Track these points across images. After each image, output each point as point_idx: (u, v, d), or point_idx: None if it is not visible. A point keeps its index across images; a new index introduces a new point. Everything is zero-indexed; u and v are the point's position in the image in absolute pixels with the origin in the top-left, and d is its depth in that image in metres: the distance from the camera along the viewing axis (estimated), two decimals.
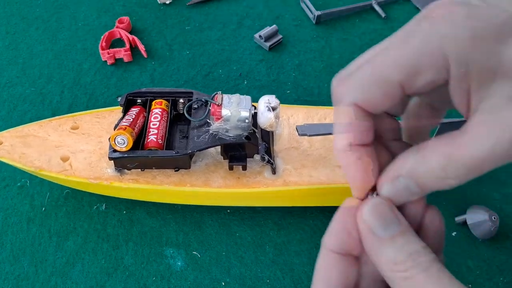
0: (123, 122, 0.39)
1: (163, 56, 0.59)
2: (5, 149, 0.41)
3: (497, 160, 0.20)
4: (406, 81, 0.21)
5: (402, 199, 0.23)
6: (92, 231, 0.43)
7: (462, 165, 0.20)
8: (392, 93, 0.22)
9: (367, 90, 0.22)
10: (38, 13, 0.64)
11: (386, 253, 0.22)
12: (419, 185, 0.22)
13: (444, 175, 0.21)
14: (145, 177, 0.40)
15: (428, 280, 0.20)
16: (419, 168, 0.21)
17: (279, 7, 0.65)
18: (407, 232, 0.22)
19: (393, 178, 0.22)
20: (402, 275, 0.21)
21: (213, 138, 0.38)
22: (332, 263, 0.23)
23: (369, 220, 0.22)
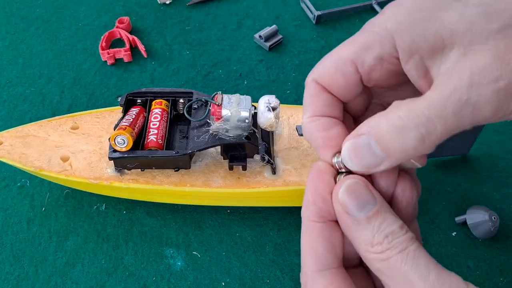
0: (123, 122, 0.39)
1: (163, 56, 0.59)
2: (5, 149, 0.41)
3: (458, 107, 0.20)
4: (357, 58, 0.23)
5: (367, 164, 0.22)
6: (92, 231, 0.43)
7: (420, 111, 0.20)
8: (345, 69, 0.23)
9: (324, 67, 0.24)
10: (38, 13, 0.64)
11: (362, 234, 0.21)
12: (381, 144, 0.21)
13: (404, 124, 0.20)
14: (145, 177, 0.40)
15: (404, 262, 0.20)
16: (380, 123, 0.21)
17: (279, 7, 0.65)
18: (383, 211, 0.22)
19: (354, 136, 0.22)
20: (378, 257, 0.21)
21: (213, 138, 0.38)
22: (315, 233, 0.23)
23: (344, 200, 0.22)
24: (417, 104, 0.20)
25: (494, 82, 0.19)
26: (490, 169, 0.47)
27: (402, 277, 0.20)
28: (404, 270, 0.20)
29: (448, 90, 0.20)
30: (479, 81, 0.19)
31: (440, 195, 0.46)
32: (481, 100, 0.19)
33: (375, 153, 0.21)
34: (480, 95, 0.19)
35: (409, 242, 0.21)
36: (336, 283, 0.22)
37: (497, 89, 0.19)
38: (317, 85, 0.25)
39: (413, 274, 0.20)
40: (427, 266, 0.20)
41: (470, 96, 0.19)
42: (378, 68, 0.23)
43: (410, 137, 0.20)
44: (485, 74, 0.19)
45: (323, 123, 0.24)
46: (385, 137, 0.21)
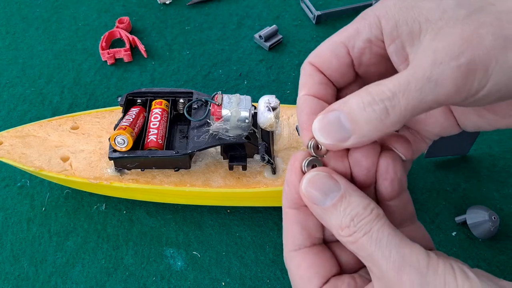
0: (123, 122, 0.39)
1: (163, 56, 0.59)
2: (5, 149, 0.41)
3: (420, 83, 0.21)
4: (348, 41, 0.25)
5: (336, 137, 0.23)
6: (92, 231, 0.43)
7: (386, 87, 0.22)
8: (337, 51, 0.25)
9: (318, 50, 0.26)
10: (38, 13, 0.64)
11: (331, 220, 0.23)
12: (349, 117, 0.22)
13: (370, 99, 0.22)
14: (145, 177, 0.40)
15: (369, 243, 0.21)
16: (350, 99, 0.22)
17: (279, 7, 0.65)
18: (348, 195, 0.23)
19: (327, 111, 0.23)
20: (348, 240, 0.22)
21: (213, 138, 0.38)
22: (291, 218, 0.25)
23: (308, 192, 0.23)
24: (385, 81, 0.22)
25: (456, 58, 0.20)
26: (490, 169, 0.47)
27: (370, 258, 0.21)
28: (370, 251, 0.21)
29: (413, 68, 0.21)
30: (442, 58, 0.20)
31: (440, 195, 0.46)
32: (443, 76, 0.20)
33: (344, 127, 0.23)
34: (442, 71, 0.20)
35: (374, 222, 0.22)
36: (308, 259, 0.24)
37: (458, 65, 0.20)
38: (312, 66, 0.27)
39: (377, 254, 0.21)
40: (389, 245, 0.21)
41: (432, 72, 0.20)
42: (367, 52, 0.25)
43: (375, 110, 0.22)
44: (448, 52, 0.20)
45: (312, 105, 0.26)
46: (353, 111, 0.22)
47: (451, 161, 0.48)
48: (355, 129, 0.23)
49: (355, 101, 0.22)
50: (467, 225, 0.42)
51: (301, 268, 0.25)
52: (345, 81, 0.27)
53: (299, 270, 0.25)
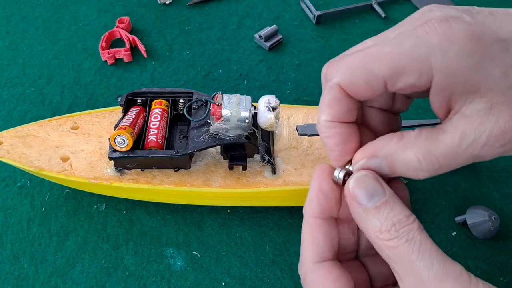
0: (123, 122, 0.39)
1: (163, 56, 0.59)
2: (5, 149, 0.41)
3: (466, 158, 0.22)
4: (389, 78, 0.23)
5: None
6: (92, 231, 0.43)
7: (436, 160, 0.22)
8: (374, 85, 0.24)
9: (353, 75, 0.24)
10: (38, 13, 0.64)
11: (371, 222, 0.23)
12: (391, 169, 0.24)
13: (419, 167, 0.23)
14: (145, 177, 0.40)
15: (411, 251, 0.22)
16: (398, 154, 0.23)
17: (279, 7, 0.65)
18: (392, 201, 0.23)
19: (370, 156, 0.24)
20: (387, 244, 0.22)
21: (213, 138, 0.38)
22: (317, 228, 0.25)
23: (354, 190, 0.24)
24: (435, 150, 0.22)
25: (502, 146, 0.21)
26: (490, 169, 0.47)
27: (408, 265, 0.22)
28: (410, 258, 0.22)
29: (465, 143, 0.22)
30: (492, 144, 0.21)
31: (440, 195, 0.46)
32: (485, 156, 0.22)
33: (383, 170, 0.24)
34: (487, 153, 0.22)
35: (416, 231, 0.22)
36: (334, 272, 0.24)
37: (503, 151, 0.22)
38: (341, 90, 0.25)
39: (419, 263, 0.21)
40: (432, 256, 0.22)
41: (479, 153, 0.22)
42: (406, 90, 0.24)
43: (420, 175, 0.23)
44: (499, 140, 0.21)
45: (341, 133, 0.25)
46: (397, 166, 0.23)
47: None
48: (391, 174, 0.24)
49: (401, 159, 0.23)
50: (467, 225, 0.42)
51: (327, 281, 0.24)
52: (372, 99, 0.26)
53: (324, 283, 0.24)
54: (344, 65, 0.24)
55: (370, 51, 0.24)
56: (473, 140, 0.21)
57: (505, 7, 0.23)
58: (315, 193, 0.25)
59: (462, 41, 0.21)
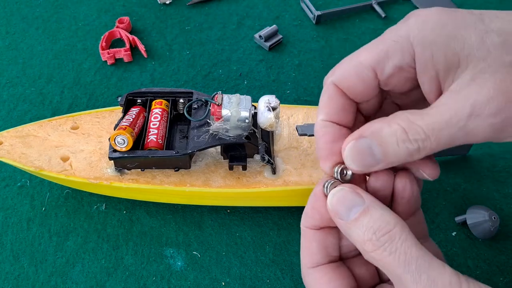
0: (123, 122, 0.39)
1: (163, 56, 0.59)
2: (5, 149, 0.41)
3: (453, 131, 0.21)
4: (377, 65, 0.24)
5: (366, 163, 0.24)
6: (92, 231, 0.43)
7: (421, 128, 0.22)
8: (365, 75, 0.25)
9: (344, 71, 0.25)
10: (38, 13, 0.64)
11: (355, 234, 0.23)
12: (381, 148, 0.23)
13: (405, 137, 0.22)
14: (145, 177, 0.40)
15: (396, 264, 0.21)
16: (383, 129, 0.23)
17: (279, 7, 0.65)
18: (372, 208, 0.23)
19: (358, 137, 0.24)
20: (372, 256, 0.22)
21: (213, 138, 0.38)
22: (310, 237, 0.26)
23: (334, 207, 0.24)
24: (419, 120, 0.22)
25: (492, 116, 0.20)
26: (490, 169, 0.47)
27: (397, 277, 0.22)
28: (397, 272, 0.21)
29: (449, 114, 0.21)
30: (479, 113, 0.20)
31: (440, 195, 0.46)
32: (476, 129, 0.21)
33: (375, 155, 0.23)
34: (477, 125, 0.21)
35: (399, 240, 0.22)
36: (327, 275, 0.25)
37: (492, 122, 0.20)
38: (335, 88, 0.26)
39: (406, 276, 0.21)
40: (418, 267, 0.21)
41: (467, 124, 0.21)
42: (396, 76, 0.24)
43: (408, 148, 0.22)
44: (486, 107, 0.20)
45: (332, 133, 0.25)
46: (386, 143, 0.23)
47: (451, 161, 0.48)
48: (385, 159, 0.23)
49: (387, 134, 0.23)
50: (467, 225, 0.42)
51: (321, 282, 0.25)
52: (368, 98, 0.26)
53: (318, 285, 0.25)
54: (338, 66, 0.26)
55: (358, 51, 0.25)
56: (457, 109, 0.21)
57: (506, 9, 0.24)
58: (310, 210, 0.26)
59: (436, 15, 0.22)
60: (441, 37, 0.22)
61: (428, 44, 0.22)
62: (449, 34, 0.22)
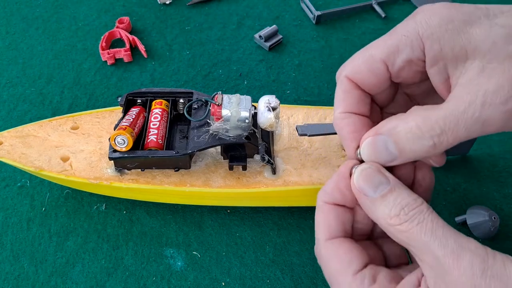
0: (123, 122, 0.39)
1: (163, 56, 0.59)
2: (5, 149, 0.41)
3: (469, 123, 0.22)
4: (387, 58, 0.25)
5: (382, 160, 0.25)
6: (92, 231, 0.43)
7: (436, 123, 0.22)
8: (376, 68, 0.26)
9: (356, 65, 0.27)
10: (38, 13, 0.64)
11: (380, 210, 0.24)
12: (396, 145, 0.24)
13: (420, 134, 0.23)
14: (145, 177, 0.40)
15: (424, 233, 0.22)
16: (398, 126, 0.24)
17: (279, 7, 0.65)
18: (397, 188, 0.24)
19: (374, 134, 0.25)
20: (398, 229, 0.23)
21: (213, 138, 0.38)
22: (328, 210, 0.27)
23: (359, 184, 0.25)
24: (434, 115, 0.23)
25: (504, 103, 0.21)
26: (490, 169, 0.47)
27: (424, 246, 0.22)
28: (424, 240, 0.22)
29: (463, 105, 0.22)
30: (491, 101, 0.21)
31: (440, 195, 0.46)
32: (490, 118, 0.22)
33: (390, 152, 0.25)
34: (491, 114, 0.21)
35: (426, 212, 0.23)
36: (346, 244, 0.25)
37: (506, 110, 0.21)
38: (349, 81, 0.27)
39: (433, 242, 0.22)
40: (445, 234, 0.22)
41: (481, 114, 0.21)
42: (406, 69, 0.26)
43: (424, 144, 0.23)
44: (497, 95, 0.21)
45: (353, 123, 0.27)
46: (401, 140, 0.24)
47: (451, 161, 0.48)
48: (400, 155, 0.24)
49: (403, 130, 0.23)
50: (467, 225, 0.42)
51: (340, 252, 0.25)
52: (380, 90, 0.28)
53: (338, 256, 0.25)
54: (350, 61, 0.27)
55: (368, 45, 0.27)
56: (470, 101, 0.22)
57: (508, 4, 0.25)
58: (332, 186, 0.27)
59: (443, 10, 0.24)
60: (449, 32, 0.23)
61: (437, 38, 0.23)
62: (456, 28, 0.23)
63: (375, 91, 0.28)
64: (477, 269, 0.21)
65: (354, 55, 0.27)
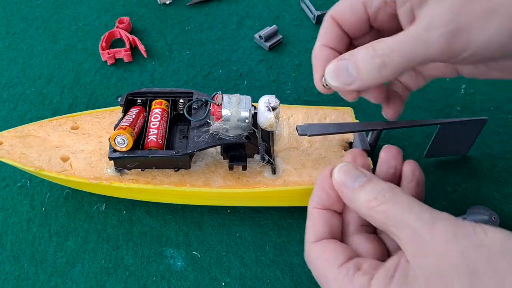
0: (123, 122, 0.39)
1: (163, 56, 0.59)
2: (5, 149, 0.41)
3: (412, 43, 0.26)
4: (366, 1, 0.30)
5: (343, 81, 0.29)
6: (92, 231, 0.43)
7: (386, 44, 0.27)
8: (356, 9, 0.30)
9: (340, 6, 0.31)
10: (38, 13, 0.64)
11: (360, 198, 0.26)
12: (355, 66, 0.28)
13: (373, 53, 0.27)
14: (145, 177, 0.40)
15: (401, 210, 0.24)
16: (359, 51, 0.28)
17: (279, 7, 0.65)
18: (374, 179, 0.27)
19: (339, 59, 0.29)
20: (378, 210, 0.25)
21: (213, 138, 0.38)
22: (316, 215, 0.29)
23: (340, 178, 0.28)
24: (387, 39, 0.27)
25: (444, 25, 0.25)
26: (490, 169, 0.47)
27: (401, 223, 0.24)
28: (402, 217, 0.24)
29: (410, 31, 0.26)
30: (434, 24, 0.25)
31: (440, 195, 0.46)
32: (432, 39, 0.25)
33: (350, 73, 0.28)
34: (432, 35, 0.25)
35: (402, 194, 0.25)
36: (332, 245, 0.28)
37: (445, 31, 0.25)
38: (332, 20, 0.31)
39: (410, 217, 0.24)
40: (421, 210, 0.25)
41: (424, 35, 0.25)
42: (381, 11, 0.30)
43: (375, 62, 0.27)
44: (439, 19, 0.25)
45: (327, 54, 0.31)
46: (359, 61, 0.28)
47: (451, 161, 0.48)
48: (359, 76, 0.28)
49: (361, 53, 0.28)
50: None
51: (326, 251, 0.27)
52: (360, 33, 0.32)
53: (324, 254, 0.27)
54: (336, 4, 0.32)
55: None
56: (416, 26, 0.26)
57: None
58: (318, 189, 0.30)
59: None
60: None
61: None
62: None
63: (355, 33, 0.31)
64: (450, 233, 0.23)
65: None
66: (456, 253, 0.22)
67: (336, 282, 0.26)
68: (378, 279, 0.24)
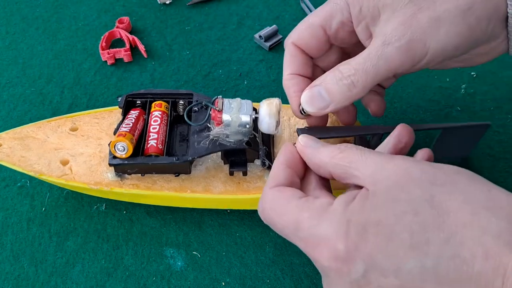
0: (123, 128, 0.39)
1: (163, 56, 0.59)
2: (4, 152, 0.41)
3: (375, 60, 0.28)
4: (325, 23, 0.32)
5: (319, 106, 0.31)
6: (92, 231, 0.43)
7: (351, 66, 0.29)
8: (316, 33, 0.32)
9: (300, 32, 0.33)
10: (38, 13, 0.64)
11: (323, 153, 0.28)
12: (327, 91, 0.30)
13: (341, 75, 0.29)
14: (145, 182, 0.40)
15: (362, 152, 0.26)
16: (328, 75, 0.30)
17: (279, 7, 0.65)
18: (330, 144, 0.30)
19: (311, 87, 0.31)
20: (339, 157, 0.27)
21: (214, 143, 0.38)
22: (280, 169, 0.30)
23: (303, 141, 0.30)
24: (351, 60, 0.29)
25: (398, 40, 0.27)
26: (490, 169, 0.47)
27: (364, 163, 0.26)
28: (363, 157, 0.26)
29: (369, 49, 0.29)
30: (389, 40, 0.28)
31: None
32: (390, 54, 0.28)
33: (324, 98, 0.30)
34: (390, 50, 0.27)
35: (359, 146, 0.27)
36: (287, 189, 0.29)
37: (400, 45, 0.27)
38: (294, 47, 0.33)
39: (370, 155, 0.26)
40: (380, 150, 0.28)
41: (383, 51, 0.28)
42: (341, 30, 0.32)
43: (344, 84, 0.29)
44: (393, 35, 0.27)
45: (298, 83, 0.33)
46: (329, 85, 0.30)
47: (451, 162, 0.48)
48: (332, 99, 0.30)
49: (329, 78, 0.30)
50: None
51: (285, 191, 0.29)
52: (322, 52, 0.34)
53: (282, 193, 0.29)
54: (294, 30, 0.33)
55: (309, 15, 0.33)
56: (374, 44, 0.28)
57: None
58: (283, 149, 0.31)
59: None
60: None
61: (357, 2, 0.30)
62: None
63: (317, 54, 0.34)
64: (409, 160, 0.25)
65: (298, 24, 0.33)
66: (415, 169, 0.24)
67: (295, 209, 0.27)
68: (339, 199, 0.26)
